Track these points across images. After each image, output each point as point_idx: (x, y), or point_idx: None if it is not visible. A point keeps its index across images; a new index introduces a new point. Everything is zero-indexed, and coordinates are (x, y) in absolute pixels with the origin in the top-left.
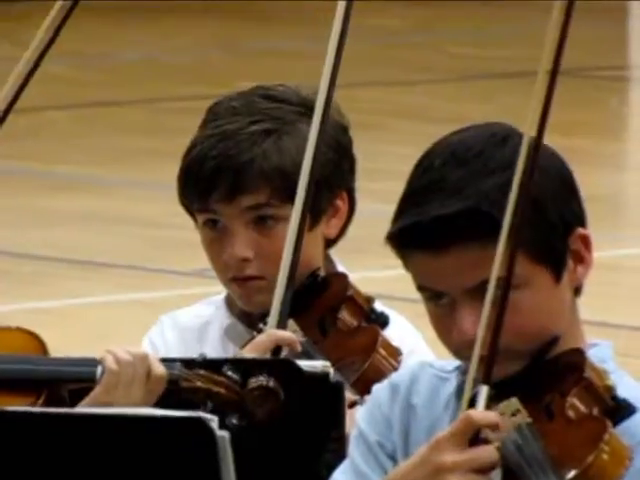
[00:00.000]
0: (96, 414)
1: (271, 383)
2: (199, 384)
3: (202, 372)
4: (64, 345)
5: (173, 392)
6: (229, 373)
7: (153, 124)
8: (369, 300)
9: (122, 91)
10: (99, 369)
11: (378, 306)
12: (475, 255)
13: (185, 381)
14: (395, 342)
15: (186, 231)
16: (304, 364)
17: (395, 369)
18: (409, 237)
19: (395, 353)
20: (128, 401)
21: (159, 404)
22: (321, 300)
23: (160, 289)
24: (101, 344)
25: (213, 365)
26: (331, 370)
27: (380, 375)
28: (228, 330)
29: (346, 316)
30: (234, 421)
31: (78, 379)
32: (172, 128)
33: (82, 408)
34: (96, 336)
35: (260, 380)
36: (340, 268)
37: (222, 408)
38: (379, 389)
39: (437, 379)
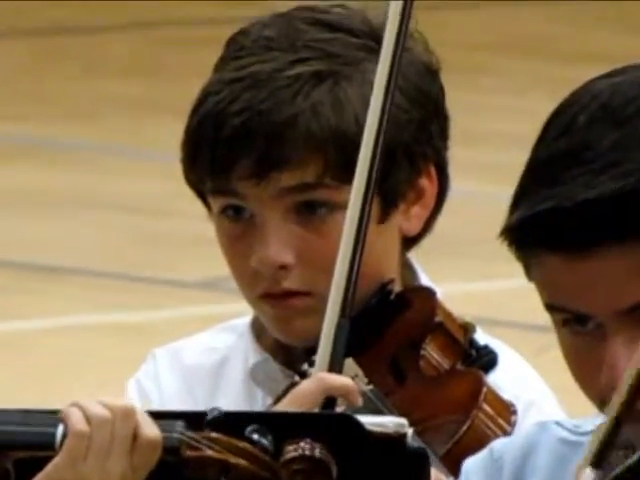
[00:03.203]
0: None
1: (317, 452)
2: (210, 453)
3: (215, 435)
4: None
5: (172, 465)
6: (255, 436)
7: (142, 60)
8: (467, 329)
9: (96, 10)
10: (60, 430)
11: (480, 337)
12: (637, 261)
13: (190, 449)
14: (506, 393)
15: (193, 221)
16: (369, 421)
17: (506, 434)
18: (537, 232)
19: (506, 410)
20: (103, 479)
21: None
22: (396, 329)
23: (152, 307)
24: (62, 390)
25: (232, 424)
26: (409, 431)
27: (484, 444)
28: (255, 370)
29: (433, 354)
30: None
31: (27, 445)
32: (171, 66)
33: None
34: (54, 377)
35: (301, 447)
36: (424, 280)
37: None
38: (472, 463)
39: (565, 445)
